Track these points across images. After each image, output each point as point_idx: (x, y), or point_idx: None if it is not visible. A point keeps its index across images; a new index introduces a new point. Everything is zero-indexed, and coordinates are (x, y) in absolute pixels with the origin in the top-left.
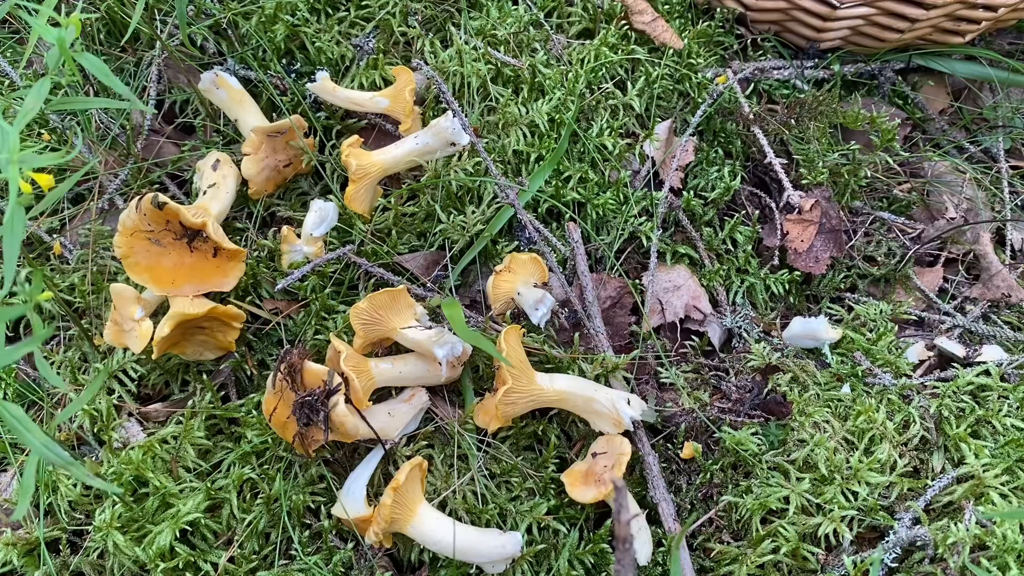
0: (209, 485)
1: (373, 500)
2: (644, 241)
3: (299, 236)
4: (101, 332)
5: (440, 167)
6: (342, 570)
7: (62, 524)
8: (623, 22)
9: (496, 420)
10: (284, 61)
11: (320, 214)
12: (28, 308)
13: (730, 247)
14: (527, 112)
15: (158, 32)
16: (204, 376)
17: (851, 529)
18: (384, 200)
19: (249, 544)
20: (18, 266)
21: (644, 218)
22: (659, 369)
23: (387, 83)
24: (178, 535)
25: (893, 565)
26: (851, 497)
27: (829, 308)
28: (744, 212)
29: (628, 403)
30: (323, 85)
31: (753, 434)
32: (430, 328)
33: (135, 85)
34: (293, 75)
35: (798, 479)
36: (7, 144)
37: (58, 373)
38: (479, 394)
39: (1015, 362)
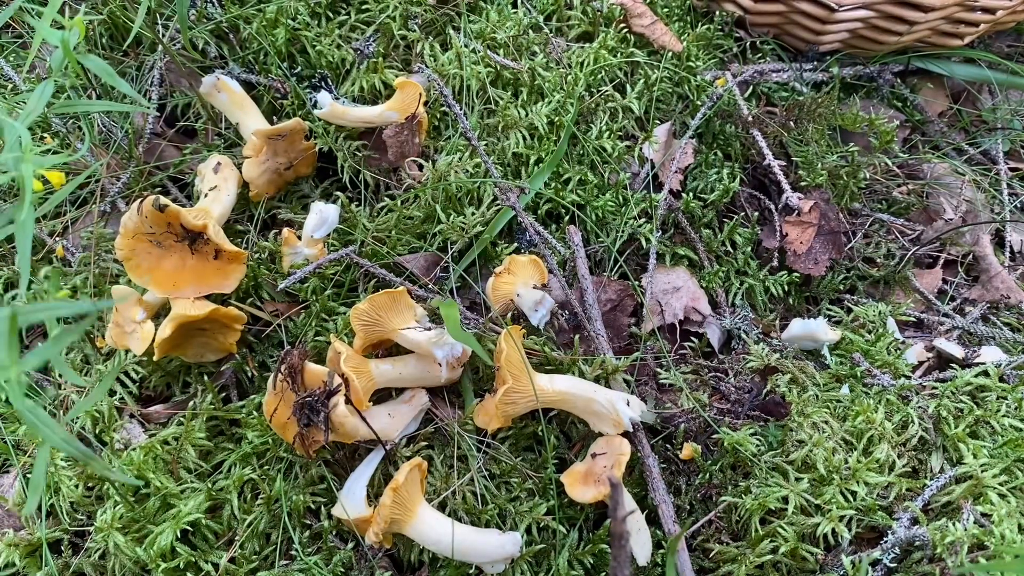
0: (210, 486)
1: (373, 501)
2: (643, 243)
3: (300, 238)
4: (103, 334)
5: (441, 169)
6: (342, 570)
7: (64, 525)
8: (622, 25)
9: (496, 420)
10: (285, 64)
11: (321, 216)
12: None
13: (729, 249)
14: (527, 115)
15: (160, 36)
16: (205, 378)
17: (850, 529)
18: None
19: (250, 544)
20: None
21: (643, 220)
22: (658, 370)
23: (387, 86)
24: (179, 535)
25: (892, 565)
26: (850, 497)
27: (828, 309)
28: (743, 214)
29: (627, 404)
30: (332, 111)
31: (752, 435)
32: (430, 329)
33: (137, 89)
34: (295, 78)
35: (797, 479)
36: (18, 143)
37: (59, 375)
38: (479, 395)
39: (1014, 363)
